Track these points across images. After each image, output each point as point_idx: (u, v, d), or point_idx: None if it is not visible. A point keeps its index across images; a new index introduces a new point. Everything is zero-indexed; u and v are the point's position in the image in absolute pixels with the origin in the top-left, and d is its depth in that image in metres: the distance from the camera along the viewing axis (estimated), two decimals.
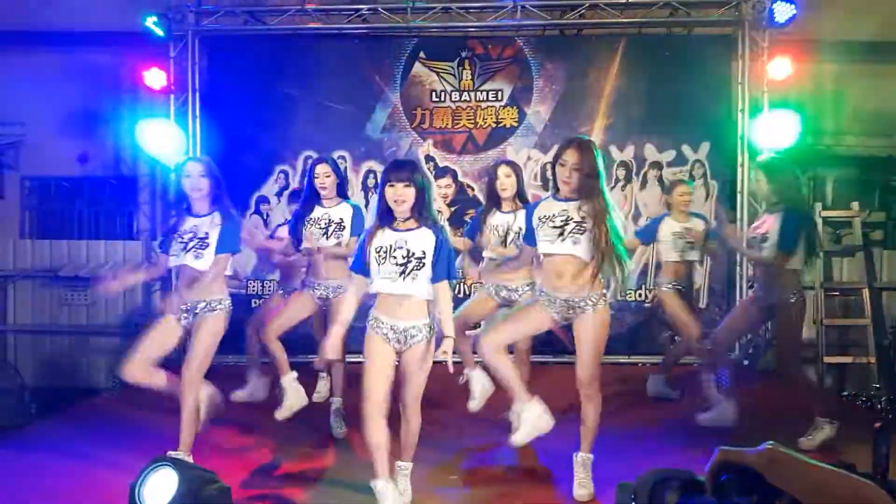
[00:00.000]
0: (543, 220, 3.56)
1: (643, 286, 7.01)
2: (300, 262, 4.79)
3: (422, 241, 3.31)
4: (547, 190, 5.80)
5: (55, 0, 7.02)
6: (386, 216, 3.31)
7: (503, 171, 4.68)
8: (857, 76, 7.28)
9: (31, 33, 7.32)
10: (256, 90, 7.08)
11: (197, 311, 3.83)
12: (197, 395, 3.84)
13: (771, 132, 6.61)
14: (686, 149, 7.00)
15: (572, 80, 7.06)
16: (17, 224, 7.83)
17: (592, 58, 7.10)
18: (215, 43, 7.22)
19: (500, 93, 7.10)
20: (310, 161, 7.04)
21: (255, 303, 6.79)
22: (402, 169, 3.30)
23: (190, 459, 3.56)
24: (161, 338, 3.84)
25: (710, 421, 4.63)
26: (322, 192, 4.49)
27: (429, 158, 7.00)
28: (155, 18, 6.79)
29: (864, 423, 3.83)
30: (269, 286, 6.88)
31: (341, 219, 4.47)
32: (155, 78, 6.88)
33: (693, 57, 7.03)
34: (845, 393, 6.95)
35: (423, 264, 3.28)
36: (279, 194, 7.08)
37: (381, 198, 3.34)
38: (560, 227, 3.50)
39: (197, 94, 7.15)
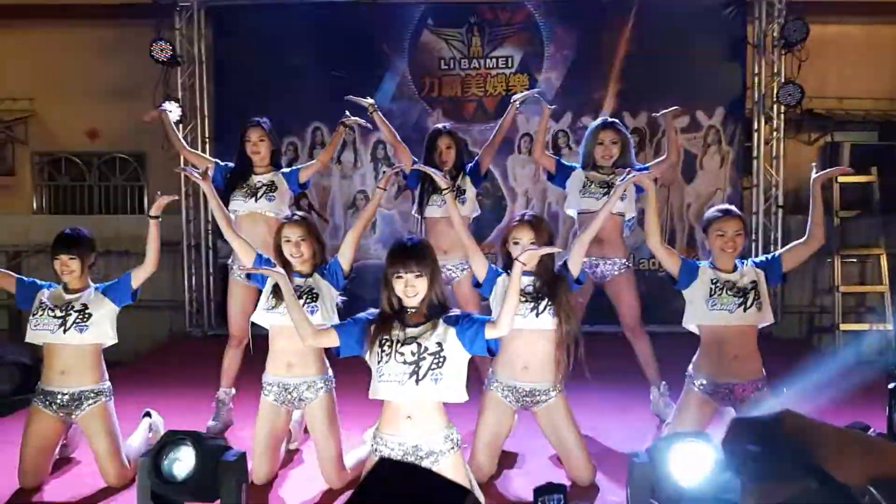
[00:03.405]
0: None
1: None
2: None
3: None
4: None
5: None
6: None
7: (609, 136, 4.28)
8: (876, 38, 7.12)
9: (38, 7, 7.28)
10: (263, 61, 6.99)
11: None
12: None
13: (785, 96, 6.53)
14: (700, 115, 6.89)
15: (584, 46, 6.94)
16: (30, 199, 7.85)
17: (604, 22, 6.96)
18: (221, 13, 7.13)
19: (510, 59, 6.99)
20: (318, 132, 7.07)
21: None
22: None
23: None
24: None
25: None
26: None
27: None
28: None
29: (880, 389, 3.79)
30: None
31: None
32: (162, 50, 6.82)
33: (707, 20, 6.87)
34: (861, 360, 6.89)
35: None
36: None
37: None
38: (533, 301, 3.32)
39: (204, 66, 7.10)
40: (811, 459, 0.89)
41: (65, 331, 3.46)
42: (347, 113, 4.43)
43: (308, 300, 3.40)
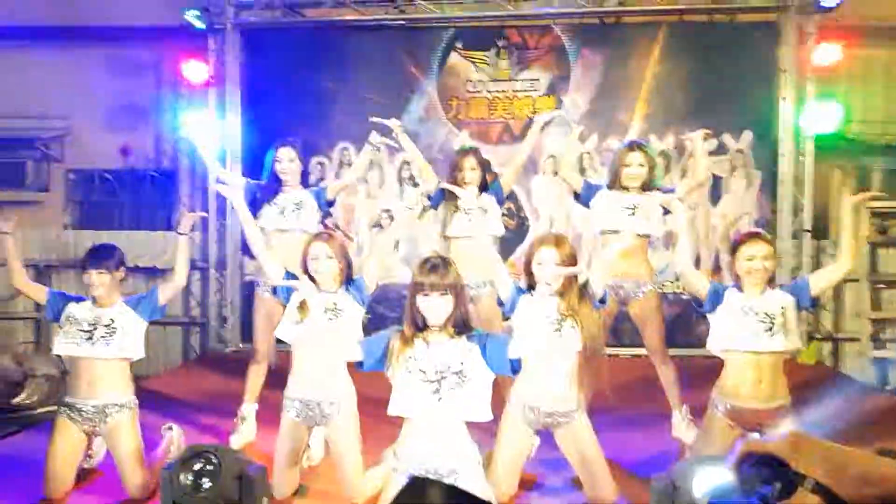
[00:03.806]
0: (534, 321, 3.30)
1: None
2: None
3: None
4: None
5: None
6: None
7: (636, 158, 4.24)
8: None
9: (75, 28, 7.45)
10: (294, 82, 7.11)
11: None
12: None
13: (815, 121, 6.48)
14: (727, 138, 6.86)
15: (611, 69, 6.96)
16: (61, 215, 8.01)
17: (632, 45, 6.98)
18: (254, 36, 7.27)
19: (537, 82, 7.03)
20: (346, 152, 7.14)
21: None
22: None
23: None
24: None
25: None
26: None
27: None
28: (196, 12, 6.89)
29: None
30: None
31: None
32: (195, 71, 6.97)
33: (736, 44, 6.87)
34: (889, 387, 6.76)
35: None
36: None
37: None
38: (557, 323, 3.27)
39: (236, 87, 7.22)
40: (817, 479, 0.90)
41: (92, 344, 3.51)
42: (375, 133, 4.48)
43: (333, 316, 3.43)
